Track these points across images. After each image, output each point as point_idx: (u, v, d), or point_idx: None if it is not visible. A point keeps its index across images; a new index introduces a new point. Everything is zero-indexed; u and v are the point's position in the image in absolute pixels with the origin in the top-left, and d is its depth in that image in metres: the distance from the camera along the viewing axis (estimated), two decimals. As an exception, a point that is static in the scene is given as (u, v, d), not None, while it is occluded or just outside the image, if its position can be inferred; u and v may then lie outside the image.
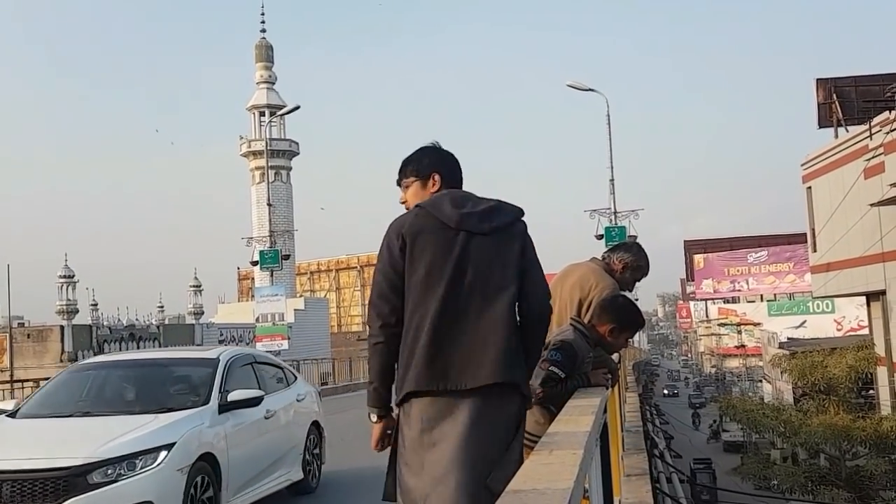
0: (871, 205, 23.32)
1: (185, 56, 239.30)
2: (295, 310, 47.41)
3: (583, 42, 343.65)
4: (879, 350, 25.80)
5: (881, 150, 21.89)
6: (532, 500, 1.82)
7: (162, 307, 50.81)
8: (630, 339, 4.78)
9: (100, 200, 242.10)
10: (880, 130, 21.84)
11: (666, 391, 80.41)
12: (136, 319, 43.06)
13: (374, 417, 3.41)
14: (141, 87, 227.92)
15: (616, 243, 6.99)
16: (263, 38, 67.22)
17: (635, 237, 29.38)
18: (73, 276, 37.13)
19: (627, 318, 4.47)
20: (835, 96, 28.21)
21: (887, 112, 19.80)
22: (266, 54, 67.30)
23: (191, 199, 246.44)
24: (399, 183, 3.64)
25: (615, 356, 4.94)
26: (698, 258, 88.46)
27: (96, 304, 45.80)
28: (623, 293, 4.83)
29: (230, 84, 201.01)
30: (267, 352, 15.14)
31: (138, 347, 38.09)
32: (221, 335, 44.97)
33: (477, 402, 3.11)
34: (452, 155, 3.59)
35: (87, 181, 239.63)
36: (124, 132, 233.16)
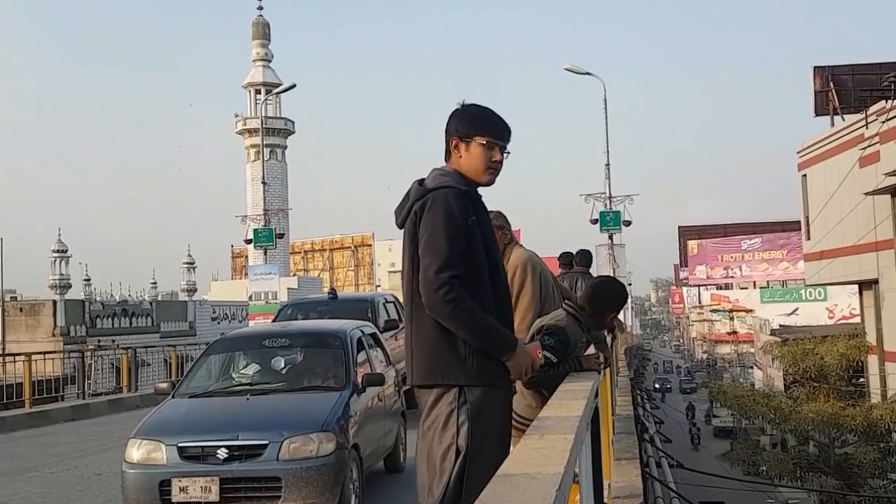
0: (866, 194, 23.34)
1: (181, 31, 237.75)
2: (288, 288, 47.40)
3: (580, 26, 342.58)
4: (871, 338, 25.90)
5: (877, 139, 21.89)
6: (522, 484, 1.82)
7: (155, 283, 50.69)
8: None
9: (95, 176, 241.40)
10: (876, 119, 21.84)
11: (657, 385, 68.86)
12: (129, 295, 42.93)
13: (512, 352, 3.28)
14: (138, 62, 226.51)
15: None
16: (260, 15, 66.85)
17: (630, 222, 29.40)
18: (67, 250, 37.01)
19: (622, 300, 4.60)
20: (831, 84, 28.18)
21: (883, 101, 19.79)
22: (263, 31, 66.93)
23: (186, 176, 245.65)
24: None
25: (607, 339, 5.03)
26: (692, 244, 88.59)
27: (89, 280, 45.62)
28: (608, 276, 4.90)
29: (227, 60, 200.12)
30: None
31: (131, 324, 38.07)
32: (214, 313, 44.95)
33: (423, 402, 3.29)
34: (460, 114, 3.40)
35: (83, 156, 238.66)
36: (119, 107, 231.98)
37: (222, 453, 6.49)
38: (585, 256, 11.07)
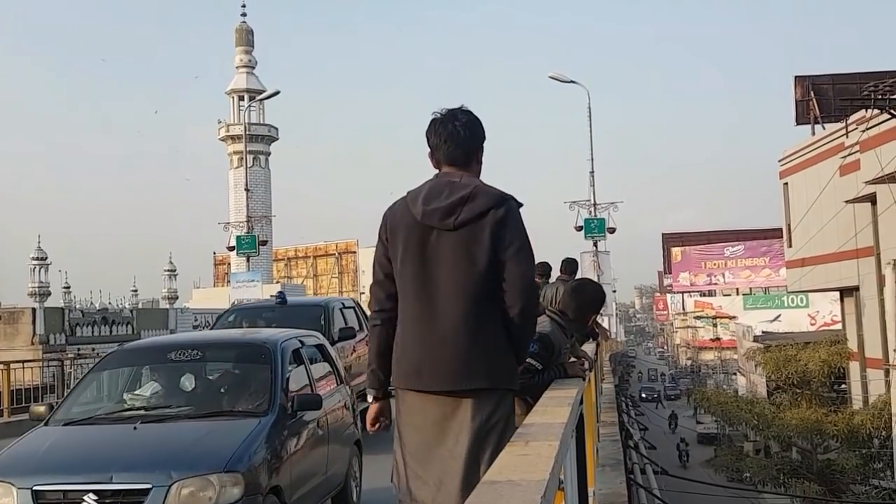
0: (846, 202, 23.51)
1: (164, 37, 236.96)
2: (271, 296, 47.14)
3: (566, 34, 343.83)
4: (852, 345, 26.05)
5: (857, 147, 22.05)
6: (507, 491, 1.82)
7: (136, 291, 50.30)
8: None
9: (75, 182, 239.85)
10: (856, 128, 22.00)
11: (644, 394, 66.36)
12: (110, 303, 42.57)
13: (370, 398, 3.49)
14: (119, 68, 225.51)
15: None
16: (244, 21, 66.74)
17: (614, 229, 29.48)
18: (46, 258, 36.69)
19: (601, 301, 4.75)
20: (812, 94, 28.40)
21: (863, 110, 19.92)
22: (246, 38, 66.82)
23: (167, 182, 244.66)
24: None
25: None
26: (676, 251, 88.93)
27: (69, 287, 45.17)
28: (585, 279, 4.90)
29: (210, 66, 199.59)
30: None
31: (111, 332, 37.77)
32: (196, 321, 44.65)
33: (442, 404, 3.16)
34: (445, 120, 3.31)
35: (63, 162, 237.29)
36: (102, 113, 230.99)
37: (90, 500, 4.96)
38: (570, 265, 11.08)
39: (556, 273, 11.13)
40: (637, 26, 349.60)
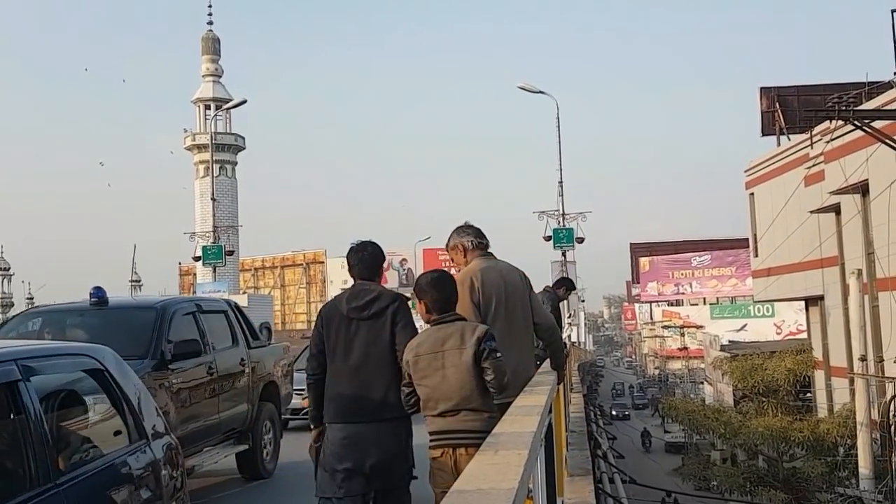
0: (811, 212, 23.80)
1: (128, 45, 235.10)
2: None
3: (534, 46, 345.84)
4: (817, 354, 26.33)
5: (821, 158, 22.34)
6: (476, 499, 1.82)
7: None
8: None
9: (38, 191, 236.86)
10: (821, 139, 22.27)
11: (614, 411, 61.90)
12: (75, 314, 42.01)
13: (312, 428, 5.10)
14: (81, 75, 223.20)
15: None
16: (210, 30, 66.41)
17: (582, 239, 29.61)
18: (9, 269, 36.27)
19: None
20: (778, 105, 28.76)
21: (828, 121, 20.16)
22: (213, 47, 66.48)
23: (133, 191, 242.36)
24: None
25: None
26: (644, 261, 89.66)
27: (32, 298, 44.64)
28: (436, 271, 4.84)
29: (176, 75, 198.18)
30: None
31: (77, 343, 37.23)
32: (163, 331, 44.13)
33: (363, 429, 4.73)
34: (358, 249, 4.99)
35: (25, 171, 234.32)
36: (63, 122, 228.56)
37: None
38: (565, 283, 11.16)
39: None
40: (606, 36, 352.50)
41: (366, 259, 4.99)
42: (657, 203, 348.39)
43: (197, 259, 33.36)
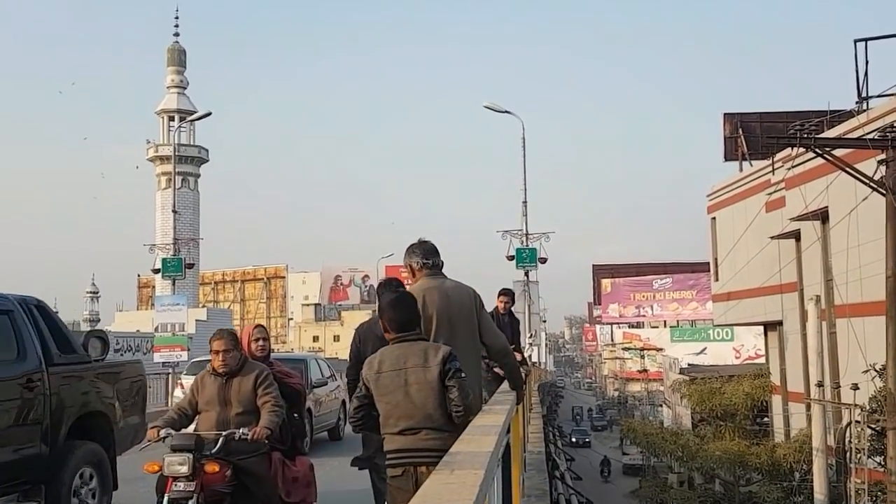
0: (771, 238, 24.05)
1: (88, 52, 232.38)
2: (196, 320, 46.35)
3: (502, 64, 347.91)
4: (775, 378, 26.56)
5: (783, 185, 22.55)
6: None
7: (56, 313, 48.90)
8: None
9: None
10: (782, 166, 22.46)
11: (574, 438, 59.06)
12: (29, 324, 41.22)
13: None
14: (41, 82, 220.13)
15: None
16: (177, 42, 66.05)
17: (545, 259, 29.61)
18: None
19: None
20: (741, 131, 29.12)
21: (789, 148, 20.36)
22: (178, 58, 66.17)
23: (91, 202, 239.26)
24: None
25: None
26: (605, 282, 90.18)
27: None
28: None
29: (139, 85, 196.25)
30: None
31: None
32: (118, 344, 43.48)
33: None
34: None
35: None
36: (23, 128, 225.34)
37: None
38: (505, 292, 11.07)
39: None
40: (572, 59, 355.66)
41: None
42: (620, 225, 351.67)
43: (156, 271, 32.82)
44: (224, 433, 5.38)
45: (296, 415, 6.33)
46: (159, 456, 5.41)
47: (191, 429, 5.66)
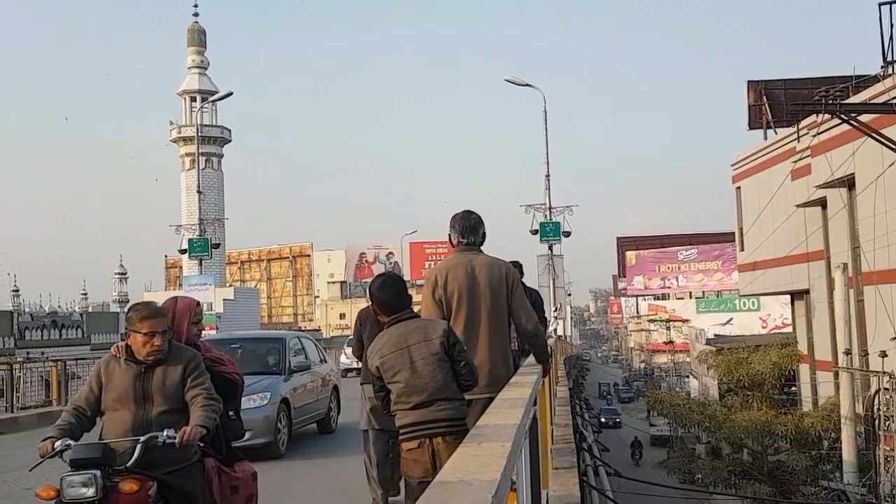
0: (797, 206, 23.86)
1: (111, 36, 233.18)
2: (224, 299, 46.82)
3: (521, 39, 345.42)
4: (802, 348, 26.44)
5: (808, 152, 22.37)
6: (458, 490, 1.85)
7: (86, 294, 49.70)
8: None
9: (23, 184, 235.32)
10: (807, 133, 22.30)
11: (604, 418, 55.54)
12: (59, 307, 41.97)
13: None
14: (67, 68, 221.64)
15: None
16: (196, 21, 66.13)
17: (569, 233, 29.58)
18: (-7, 261, 35.99)
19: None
20: (765, 98, 28.81)
21: (814, 115, 20.19)
22: (199, 39, 66.26)
23: (119, 184, 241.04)
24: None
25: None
26: (630, 255, 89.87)
27: (18, 290, 44.51)
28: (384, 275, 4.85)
29: (161, 67, 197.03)
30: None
31: (60, 336, 37.12)
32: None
33: None
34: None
35: (10, 163, 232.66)
36: (50, 113, 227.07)
37: None
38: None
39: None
40: (593, 31, 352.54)
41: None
42: (644, 197, 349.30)
43: (183, 252, 33.15)
44: (143, 438, 4.04)
45: (230, 413, 4.89)
46: (55, 476, 4.12)
47: (96, 435, 4.32)
